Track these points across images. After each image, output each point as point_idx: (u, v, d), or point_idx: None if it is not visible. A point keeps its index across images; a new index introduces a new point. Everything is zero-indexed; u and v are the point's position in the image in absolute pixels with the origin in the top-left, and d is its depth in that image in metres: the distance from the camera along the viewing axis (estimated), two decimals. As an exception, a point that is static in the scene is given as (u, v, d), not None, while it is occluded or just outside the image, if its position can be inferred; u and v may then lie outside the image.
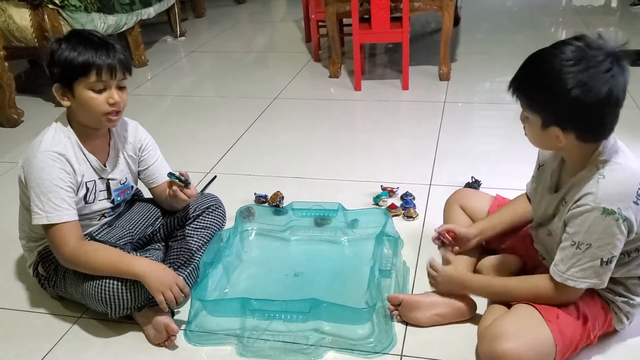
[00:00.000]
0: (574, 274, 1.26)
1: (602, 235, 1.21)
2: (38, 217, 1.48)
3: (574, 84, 1.15)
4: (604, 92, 1.15)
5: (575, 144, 1.24)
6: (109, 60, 1.46)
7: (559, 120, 1.20)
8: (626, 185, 1.22)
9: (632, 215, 1.21)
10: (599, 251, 1.23)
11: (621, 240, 1.23)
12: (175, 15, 4.55)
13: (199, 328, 1.54)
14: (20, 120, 3.06)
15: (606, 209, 1.20)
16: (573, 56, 1.16)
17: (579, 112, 1.18)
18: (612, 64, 1.16)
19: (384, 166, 2.42)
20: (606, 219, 1.20)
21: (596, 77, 1.14)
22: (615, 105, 1.19)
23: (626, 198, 1.21)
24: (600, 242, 1.22)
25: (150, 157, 1.72)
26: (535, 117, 1.24)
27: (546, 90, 1.19)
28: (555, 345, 1.28)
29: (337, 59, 3.46)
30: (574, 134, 1.21)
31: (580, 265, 1.25)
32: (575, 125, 1.20)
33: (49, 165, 1.47)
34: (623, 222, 1.21)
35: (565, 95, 1.15)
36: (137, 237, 1.73)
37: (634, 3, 4.75)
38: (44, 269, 1.62)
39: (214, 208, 1.79)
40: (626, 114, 2.74)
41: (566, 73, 1.15)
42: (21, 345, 1.56)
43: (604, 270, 1.25)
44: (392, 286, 1.61)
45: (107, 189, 1.64)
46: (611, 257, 1.24)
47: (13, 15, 3.07)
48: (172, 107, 3.33)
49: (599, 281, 1.26)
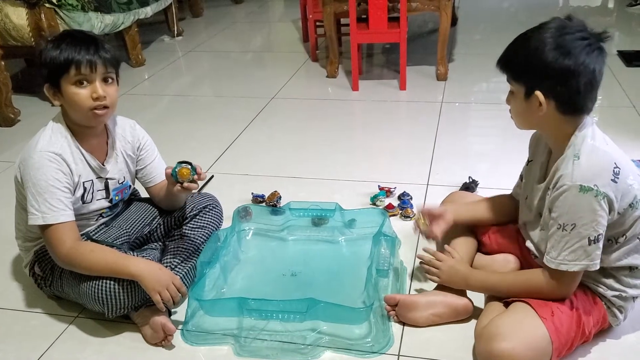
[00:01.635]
0: (565, 257, 1.28)
1: (583, 213, 1.24)
2: (34, 217, 1.48)
3: (553, 46, 1.23)
4: (580, 58, 1.23)
5: (556, 116, 1.29)
6: (88, 56, 1.46)
7: (540, 83, 1.26)
8: (601, 164, 1.26)
9: (610, 192, 1.24)
10: (584, 230, 1.25)
11: (603, 217, 1.25)
12: (172, 15, 4.55)
13: (196, 328, 1.54)
14: (17, 120, 3.06)
15: (583, 187, 1.23)
16: (554, 25, 1.27)
17: (557, 74, 1.24)
18: (590, 37, 1.25)
19: (382, 166, 2.42)
20: (585, 196, 1.23)
21: (574, 42, 1.23)
22: (591, 76, 1.24)
23: (602, 176, 1.24)
24: (584, 220, 1.24)
25: (149, 156, 1.72)
26: (519, 87, 1.31)
27: (528, 55, 1.27)
28: (551, 342, 1.29)
29: (334, 59, 3.46)
30: (553, 101, 1.27)
31: (570, 247, 1.27)
32: (554, 89, 1.26)
33: (45, 165, 1.47)
34: (602, 199, 1.23)
35: (544, 56, 1.24)
36: (134, 236, 1.73)
37: (631, 4, 4.76)
38: (40, 268, 1.61)
39: (211, 207, 1.79)
40: (625, 114, 2.77)
41: (547, 38, 1.25)
42: (18, 345, 1.55)
43: (593, 250, 1.27)
44: (390, 286, 1.61)
45: (106, 188, 1.63)
46: (597, 234, 1.25)
47: (10, 14, 3.06)
48: (169, 106, 3.33)
49: (590, 262, 1.28)
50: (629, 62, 3.44)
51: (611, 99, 3.01)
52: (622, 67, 3.40)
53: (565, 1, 5.27)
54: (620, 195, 1.26)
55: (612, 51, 3.68)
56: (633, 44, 3.83)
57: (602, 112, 2.87)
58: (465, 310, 1.50)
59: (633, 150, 2.38)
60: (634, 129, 2.59)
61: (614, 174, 1.25)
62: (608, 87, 3.18)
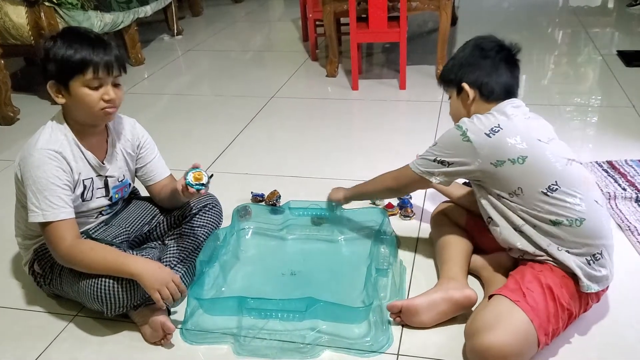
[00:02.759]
0: (417, 161, 1.59)
1: (445, 139, 1.54)
2: (34, 214, 1.47)
3: (470, 49, 1.60)
4: (460, 52, 1.62)
5: (481, 103, 1.56)
6: (107, 57, 1.47)
7: (463, 75, 1.57)
8: (482, 121, 1.49)
9: (476, 139, 1.46)
10: (437, 150, 1.54)
11: (458, 152, 1.49)
12: (172, 14, 4.55)
13: (196, 327, 1.54)
14: (16, 119, 3.06)
15: (458, 125, 1.52)
16: (474, 39, 1.62)
17: (474, 63, 1.57)
18: (499, 44, 1.59)
19: (381, 165, 2.40)
20: (452, 129, 1.53)
21: (485, 43, 1.58)
22: (479, 64, 1.56)
23: (477, 127, 1.48)
24: (441, 144, 1.54)
25: (148, 155, 1.72)
26: (452, 89, 1.63)
27: (451, 62, 1.63)
28: (531, 322, 1.30)
29: (334, 58, 3.46)
30: (476, 88, 1.56)
31: (423, 156, 1.58)
32: (474, 75, 1.55)
33: (46, 163, 1.47)
34: (464, 137, 1.47)
35: (462, 56, 1.60)
36: (133, 235, 1.73)
37: (631, 4, 4.76)
38: (39, 267, 1.61)
39: (211, 207, 1.79)
40: (624, 114, 2.77)
41: (465, 46, 1.62)
42: (16, 344, 1.55)
43: (434, 167, 1.54)
44: (389, 285, 1.61)
45: (105, 186, 1.63)
46: (442, 160, 1.52)
47: (9, 12, 3.06)
48: (168, 105, 3.32)
49: (428, 174, 1.55)
50: (629, 62, 3.44)
51: (611, 99, 3.01)
52: (622, 67, 3.41)
53: (565, 1, 5.27)
54: (489, 148, 1.45)
55: (611, 51, 3.68)
56: (633, 44, 3.83)
57: (602, 112, 2.87)
58: (468, 302, 1.50)
59: (633, 150, 2.38)
60: (634, 129, 2.59)
61: (491, 131, 1.46)
62: (607, 87, 3.18)
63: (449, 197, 1.85)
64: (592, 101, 3.04)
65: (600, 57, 3.62)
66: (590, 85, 3.33)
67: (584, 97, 3.07)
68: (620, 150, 2.40)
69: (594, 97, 3.09)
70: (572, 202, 1.41)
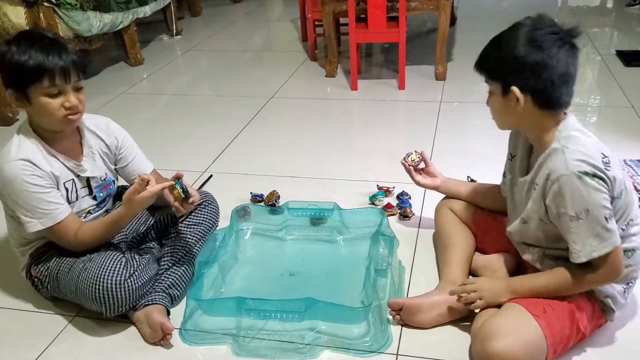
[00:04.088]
0: (591, 243, 1.26)
1: (591, 196, 1.24)
2: (32, 224, 1.48)
3: (524, 41, 1.27)
4: (552, 51, 1.26)
5: (534, 111, 1.30)
6: (62, 63, 1.41)
7: (515, 78, 1.29)
8: (590, 152, 1.27)
9: (604, 176, 1.25)
10: (597, 211, 1.24)
11: (607, 197, 1.25)
12: (171, 14, 4.55)
13: (195, 327, 1.54)
14: (15, 119, 3.05)
15: (580, 172, 1.24)
16: (525, 23, 1.32)
17: (530, 68, 1.27)
18: (560, 32, 1.28)
19: (380, 166, 2.42)
20: (585, 180, 1.24)
21: (545, 37, 1.27)
22: (564, 70, 1.27)
23: (594, 162, 1.25)
24: (594, 202, 1.24)
25: (129, 154, 1.70)
26: (496, 85, 1.34)
27: (501, 52, 1.31)
28: (545, 338, 1.29)
29: (333, 59, 3.46)
30: (530, 95, 1.28)
31: (593, 233, 1.26)
32: (529, 82, 1.28)
33: (19, 175, 1.45)
34: (600, 180, 1.24)
35: (516, 52, 1.27)
36: (130, 235, 1.73)
37: (630, 3, 4.77)
38: (36, 271, 1.61)
39: (207, 204, 1.79)
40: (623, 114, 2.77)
41: (518, 34, 1.29)
42: (16, 344, 1.55)
43: (612, 226, 1.26)
44: (388, 285, 1.61)
45: (88, 186, 1.63)
46: (609, 212, 1.26)
47: (8, 13, 3.06)
48: (168, 106, 3.32)
49: (614, 239, 1.26)
50: (628, 62, 3.44)
51: (610, 99, 3.01)
52: (621, 67, 3.40)
53: (564, 1, 5.27)
54: (610, 183, 1.26)
55: (610, 51, 3.68)
56: (632, 44, 3.83)
57: (601, 112, 2.87)
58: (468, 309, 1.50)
59: (632, 150, 2.39)
60: (633, 129, 2.59)
61: (604, 163, 1.26)
62: (607, 87, 3.18)
63: (458, 197, 1.76)
64: (591, 101, 3.04)
65: (599, 57, 3.62)
66: (589, 85, 3.33)
67: (582, 97, 3.06)
68: (619, 150, 2.39)
69: (593, 97, 3.09)
70: (635, 231, 1.36)
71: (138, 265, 1.53)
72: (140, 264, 1.54)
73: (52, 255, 1.59)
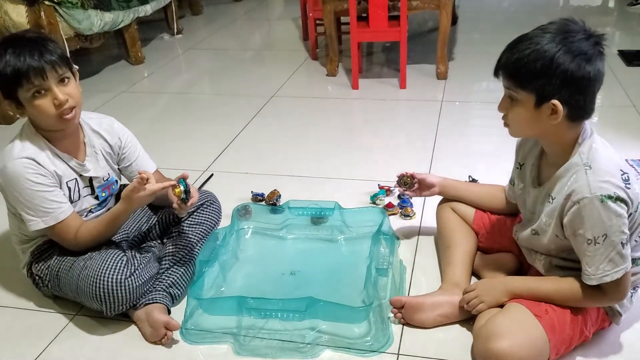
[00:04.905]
0: (605, 268, 1.25)
1: (611, 221, 1.22)
2: (34, 223, 1.48)
3: (573, 53, 1.19)
4: (598, 64, 1.20)
5: (563, 123, 1.25)
6: (34, 63, 1.39)
7: (559, 91, 1.21)
8: (611, 170, 1.24)
9: (625, 197, 1.23)
10: (615, 237, 1.23)
11: (626, 222, 1.24)
12: (172, 13, 4.54)
13: (195, 326, 1.54)
14: (16, 118, 3.05)
15: (604, 196, 1.21)
16: (558, 29, 1.23)
17: (581, 82, 1.20)
18: (591, 38, 1.22)
19: (381, 165, 2.41)
20: (608, 205, 1.21)
21: (591, 48, 1.20)
22: (599, 78, 1.22)
23: (617, 182, 1.23)
24: (614, 228, 1.22)
25: (132, 154, 1.70)
26: (529, 95, 1.24)
27: (542, 62, 1.20)
28: (548, 340, 1.29)
29: (334, 58, 3.46)
30: (567, 108, 1.22)
31: (607, 258, 1.24)
32: (575, 96, 1.21)
33: (22, 173, 1.46)
34: (622, 203, 1.22)
35: (564, 64, 1.19)
36: (132, 235, 1.73)
37: (632, 3, 4.76)
38: (37, 269, 1.61)
39: (209, 204, 1.79)
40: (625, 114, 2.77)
41: (561, 44, 1.20)
42: (17, 342, 1.55)
43: (627, 252, 1.25)
44: (389, 285, 1.61)
45: (90, 185, 1.63)
46: (626, 237, 1.24)
47: (9, 11, 3.05)
48: (168, 104, 3.32)
49: (627, 264, 1.26)
50: (629, 61, 3.44)
51: (611, 99, 3.00)
52: (623, 67, 3.40)
53: (566, 1, 5.26)
54: (631, 203, 1.25)
55: (612, 51, 3.68)
56: (633, 44, 3.82)
57: (602, 112, 2.87)
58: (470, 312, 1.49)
59: (633, 150, 2.38)
60: (634, 129, 2.59)
61: (624, 181, 1.24)
62: (608, 87, 3.17)
63: (462, 200, 1.72)
64: (593, 101, 3.04)
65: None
66: (590, 84, 3.32)
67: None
68: (620, 149, 2.35)
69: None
70: None
71: (139, 264, 1.53)
72: (141, 263, 1.54)
73: (53, 254, 1.59)
